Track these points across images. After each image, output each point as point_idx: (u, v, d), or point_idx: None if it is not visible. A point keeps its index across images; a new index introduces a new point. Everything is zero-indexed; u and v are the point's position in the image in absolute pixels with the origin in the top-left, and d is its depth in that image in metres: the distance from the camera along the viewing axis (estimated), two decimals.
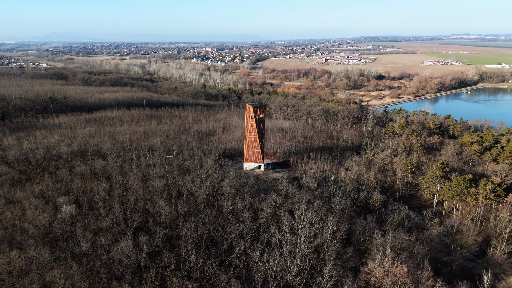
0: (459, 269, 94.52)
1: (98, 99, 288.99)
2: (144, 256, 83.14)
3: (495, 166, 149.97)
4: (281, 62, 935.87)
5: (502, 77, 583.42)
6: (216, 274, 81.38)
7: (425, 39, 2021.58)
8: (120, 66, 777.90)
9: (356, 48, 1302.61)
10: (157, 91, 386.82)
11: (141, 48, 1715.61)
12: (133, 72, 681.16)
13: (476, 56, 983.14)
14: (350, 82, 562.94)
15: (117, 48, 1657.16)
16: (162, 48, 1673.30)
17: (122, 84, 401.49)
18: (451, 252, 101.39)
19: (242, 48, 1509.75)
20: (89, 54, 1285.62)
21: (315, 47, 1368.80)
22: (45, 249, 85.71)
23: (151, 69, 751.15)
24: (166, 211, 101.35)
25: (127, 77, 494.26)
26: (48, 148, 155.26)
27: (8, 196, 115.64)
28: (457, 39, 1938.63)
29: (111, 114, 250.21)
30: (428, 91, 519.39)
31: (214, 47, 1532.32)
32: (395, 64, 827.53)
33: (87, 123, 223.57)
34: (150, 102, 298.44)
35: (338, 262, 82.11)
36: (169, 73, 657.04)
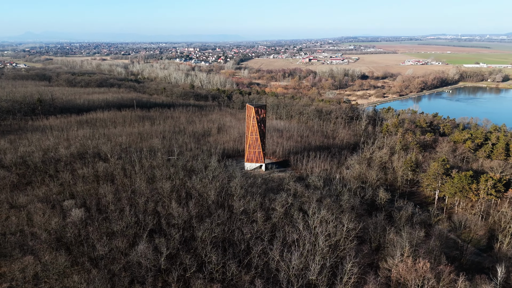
0: (469, 263, 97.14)
1: (87, 100, 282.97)
2: (164, 259, 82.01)
3: (491, 162, 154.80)
4: (265, 62, 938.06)
5: (482, 76, 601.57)
6: (239, 275, 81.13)
7: (404, 39, 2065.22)
8: (102, 66, 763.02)
9: (338, 48, 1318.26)
10: (145, 92, 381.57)
11: (122, 48, 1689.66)
12: (117, 73, 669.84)
13: (455, 56, 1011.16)
14: (336, 82, 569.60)
15: (97, 48, 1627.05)
16: (143, 48, 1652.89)
17: (109, 85, 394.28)
18: (458, 247, 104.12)
19: (224, 48, 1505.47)
20: (68, 55, 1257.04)
21: (297, 47, 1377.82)
22: (59, 254, 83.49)
23: (135, 70, 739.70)
24: (180, 213, 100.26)
25: (113, 77, 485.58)
26: (45, 151, 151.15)
27: (11, 201, 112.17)
28: (435, 39, 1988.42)
29: (102, 115, 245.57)
30: (411, 90, 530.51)
31: (196, 47, 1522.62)
32: (377, 64, 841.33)
33: (78, 125, 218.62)
34: (140, 103, 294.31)
35: (358, 260, 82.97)
36: (154, 74, 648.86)
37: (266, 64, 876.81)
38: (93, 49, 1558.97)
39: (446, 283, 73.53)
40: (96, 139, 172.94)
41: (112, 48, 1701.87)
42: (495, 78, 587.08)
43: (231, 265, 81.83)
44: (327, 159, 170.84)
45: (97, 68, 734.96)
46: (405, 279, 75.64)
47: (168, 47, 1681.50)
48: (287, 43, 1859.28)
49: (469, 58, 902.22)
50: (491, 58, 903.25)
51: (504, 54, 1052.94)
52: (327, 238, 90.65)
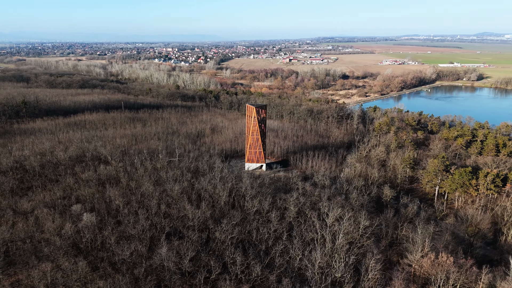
0: (478, 256, 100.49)
1: (72, 102, 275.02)
2: (188, 261, 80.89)
3: (485, 158, 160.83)
4: (246, 62, 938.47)
5: (457, 75, 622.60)
6: (265, 275, 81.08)
7: (379, 40, 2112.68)
8: (79, 67, 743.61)
9: (317, 49, 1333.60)
10: (129, 93, 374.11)
11: (97, 48, 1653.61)
12: (95, 74, 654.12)
13: (430, 55, 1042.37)
14: (318, 82, 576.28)
15: (71, 48, 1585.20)
16: (120, 48, 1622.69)
17: (91, 86, 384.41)
18: (465, 240, 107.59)
19: (203, 48, 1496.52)
20: (40, 55, 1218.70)
21: (277, 48, 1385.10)
22: (79, 260, 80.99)
23: (114, 70, 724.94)
24: (195, 215, 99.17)
25: (95, 78, 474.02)
26: (41, 154, 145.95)
27: (14, 207, 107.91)
28: (408, 40, 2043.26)
29: (91, 117, 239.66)
30: (392, 90, 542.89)
31: (174, 48, 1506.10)
32: (356, 64, 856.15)
33: (67, 127, 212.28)
34: (127, 104, 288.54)
35: (380, 256, 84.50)
36: (135, 74, 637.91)
37: (247, 64, 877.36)
38: (66, 49, 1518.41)
39: (469, 276, 75.87)
40: (94, 141, 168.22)
41: (86, 48, 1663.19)
42: (470, 77, 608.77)
43: (256, 266, 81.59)
44: (325, 158, 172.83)
45: (74, 69, 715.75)
46: (429, 274, 77.61)
47: (145, 47, 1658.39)
48: (265, 43, 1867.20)
49: (443, 58, 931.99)
50: (464, 58, 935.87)
51: (476, 54, 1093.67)
52: (345, 235, 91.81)
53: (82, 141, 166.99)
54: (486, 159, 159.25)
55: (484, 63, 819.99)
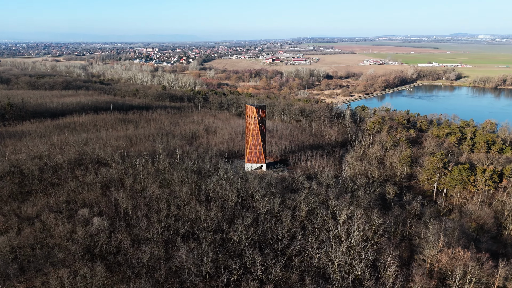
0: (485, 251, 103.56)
1: (60, 104, 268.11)
2: (209, 262, 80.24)
3: (478, 155, 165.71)
4: (229, 62, 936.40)
5: (437, 75, 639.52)
6: (287, 275, 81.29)
7: (359, 40, 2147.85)
8: (58, 68, 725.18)
9: (298, 49, 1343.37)
10: (115, 94, 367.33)
11: (74, 48, 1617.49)
12: (75, 75, 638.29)
13: (409, 56, 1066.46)
14: (303, 82, 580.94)
15: (47, 49, 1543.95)
16: (98, 48, 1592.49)
17: (75, 87, 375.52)
18: (470, 235, 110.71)
19: (184, 48, 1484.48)
20: (15, 56, 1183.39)
21: (259, 48, 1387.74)
22: (96, 264, 79.11)
23: (95, 71, 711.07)
24: (208, 216, 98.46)
25: (78, 79, 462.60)
26: (38, 158, 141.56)
27: (17, 212, 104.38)
28: (387, 40, 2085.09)
29: (80, 119, 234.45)
30: (375, 89, 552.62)
31: (155, 48, 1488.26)
32: (338, 64, 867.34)
33: (58, 130, 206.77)
34: (116, 106, 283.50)
35: (397, 253, 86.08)
36: (117, 75, 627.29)
37: (230, 65, 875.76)
38: (42, 50, 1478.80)
39: (487, 269, 78.25)
40: (91, 144, 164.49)
41: (63, 48, 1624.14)
42: (449, 76, 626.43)
43: (276, 266, 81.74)
44: (323, 157, 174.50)
45: (53, 70, 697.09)
46: (447, 268, 79.60)
47: (124, 48, 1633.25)
48: (246, 44, 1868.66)
49: (422, 58, 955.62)
50: (441, 58, 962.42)
51: (452, 54, 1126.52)
52: (360, 233, 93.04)
53: (79, 144, 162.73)
54: (478, 156, 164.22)
55: (461, 63, 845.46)
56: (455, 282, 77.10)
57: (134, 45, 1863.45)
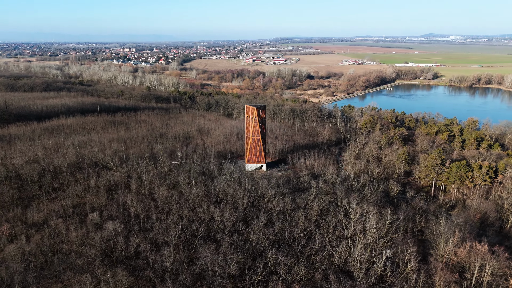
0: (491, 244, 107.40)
1: (44, 106, 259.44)
2: (234, 264, 79.74)
3: (469, 152, 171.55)
4: (209, 62, 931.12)
5: (415, 75, 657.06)
6: (310, 273, 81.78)
7: (336, 40, 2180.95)
8: (32, 69, 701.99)
9: (278, 49, 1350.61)
10: (99, 95, 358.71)
11: (46, 48, 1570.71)
12: (52, 76, 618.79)
13: (386, 56, 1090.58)
14: (286, 82, 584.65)
15: (17, 49, 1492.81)
16: (72, 48, 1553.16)
17: (56, 88, 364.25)
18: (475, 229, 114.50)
19: (162, 48, 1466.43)
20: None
21: (238, 48, 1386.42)
22: (118, 269, 77.11)
23: (72, 72, 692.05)
24: (224, 217, 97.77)
25: (59, 81, 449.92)
26: (35, 162, 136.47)
27: (23, 218, 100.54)
28: (363, 41, 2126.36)
29: (68, 121, 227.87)
30: (357, 89, 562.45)
31: (132, 48, 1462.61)
32: (318, 64, 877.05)
33: (47, 133, 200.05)
34: (102, 107, 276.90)
35: (415, 248, 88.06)
36: (96, 76, 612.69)
37: (210, 65, 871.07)
38: (13, 50, 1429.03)
39: (503, 261, 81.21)
40: (89, 147, 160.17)
41: (35, 48, 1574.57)
42: (426, 76, 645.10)
43: (300, 264, 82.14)
44: (321, 156, 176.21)
45: (27, 71, 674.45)
46: (465, 262, 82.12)
47: (99, 48, 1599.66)
48: (225, 44, 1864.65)
49: (399, 58, 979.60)
50: (417, 58, 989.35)
51: (426, 54, 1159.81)
52: (377, 230, 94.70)
53: (75, 147, 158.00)
54: (470, 153, 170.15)
55: (436, 62, 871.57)
56: (474, 275, 79.71)
57: (110, 45, 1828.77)
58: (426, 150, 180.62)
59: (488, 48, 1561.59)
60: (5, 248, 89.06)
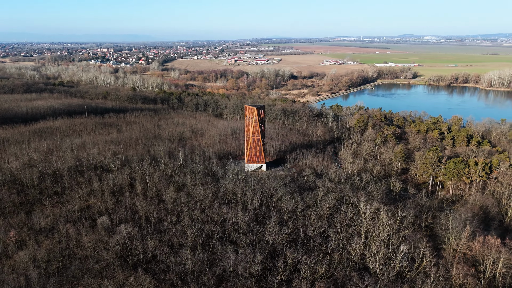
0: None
1: (30, 108, 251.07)
2: (257, 264, 79.63)
3: (461, 148, 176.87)
4: (191, 63, 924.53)
5: (395, 74, 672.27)
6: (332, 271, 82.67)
7: (315, 41, 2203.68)
8: (7, 70, 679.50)
9: (259, 50, 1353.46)
10: (83, 97, 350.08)
11: (19, 49, 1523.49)
12: (29, 77, 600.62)
13: (366, 56, 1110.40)
14: (271, 82, 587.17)
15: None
16: (46, 49, 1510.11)
17: (38, 90, 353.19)
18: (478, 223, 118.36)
19: (141, 48, 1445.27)
20: None
21: (219, 48, 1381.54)
22: (139, 274, 75.69)
23: (49, 73, 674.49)
24: (239, 218, 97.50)
25: (40, 82, 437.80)
26: (29, 166, 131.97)
27: (28, 223, 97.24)
28: (341, 41, 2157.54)
29: (57, 124, 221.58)
30: (340, 88, 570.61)
31: (110, 48, 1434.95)
32: (300, 64, 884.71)
33: (36, 136, 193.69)
34: (89, 109, 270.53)
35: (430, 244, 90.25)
36: (76, 77, 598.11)
37: (192, 65, 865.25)
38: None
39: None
40: (87, 149, 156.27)
41: (7, 49, 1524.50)
42: (406, 75, 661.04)
43: (323, 262, 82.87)
44: (319, 155, 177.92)
45: (2, 72, 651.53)
46: (480, 256, 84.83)
47: (75, 48, 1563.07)
48: (205, 44, 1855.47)
49: (378, 58, 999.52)
50: (395, 58, 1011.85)
51: (404, 54, 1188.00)
52: (390, 226, 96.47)
53: (72, 150, 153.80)
54: (462, 150, 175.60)
55: (413, 62, 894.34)
56: (488, 268, 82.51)
57: (86, 46, 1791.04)
58: (419, 148, 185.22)
59: (461, 48, 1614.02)
60: (14, 255, 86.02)
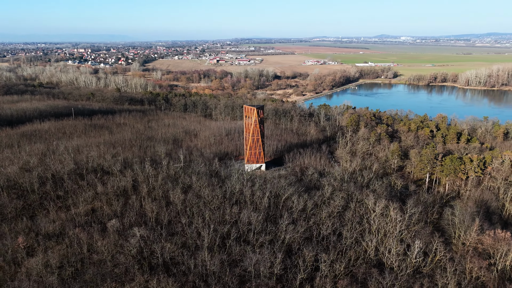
0: None
1: (14, 110, 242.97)
2: (278, 263, 79.76)
3: (452, 146, 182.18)
4: (172, 63, 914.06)
5: (376, 74, 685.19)
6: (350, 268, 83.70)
7: (295, 41, 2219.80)
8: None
9: (240, 50, 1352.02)
10: (66, 98, 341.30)
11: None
12: (5, 78, 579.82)
13: (347, 56, 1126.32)
14: (255, 82, 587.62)
15: None
16: (20, 49, 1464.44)
17: (18, 92, 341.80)
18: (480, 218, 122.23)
19: (119, 49, 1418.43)
20: None
21: (200, 48, 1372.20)
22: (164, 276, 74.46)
23: (26, 74, 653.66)
24: (253, 218, 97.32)
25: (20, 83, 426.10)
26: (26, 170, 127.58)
27: (35, 229, 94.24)
28: (320, 41, 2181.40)
29: (45, 126, 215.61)
30: (324, 88, 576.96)
31: (87, 49, 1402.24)
32: (282, 64, 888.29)
33: (25, 139, 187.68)
34: (76, 111, 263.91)
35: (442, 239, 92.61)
36: (55, 78, 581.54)
37: (173, 65, 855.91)
38: None
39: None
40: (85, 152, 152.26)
41: None
42: (387, 75, 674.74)
43: (342, 260, 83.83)
44: (316, 154, 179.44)
45: None
46: (491, 249, 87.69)
47: (50, 48, 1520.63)
48: (184, 44, 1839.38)
49: (358, 58, 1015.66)
50: (375, 58, 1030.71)
51: (383, 54, 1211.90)
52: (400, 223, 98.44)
53: (69, 153, 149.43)
54: (453, 147, 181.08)
55: (393, 62, 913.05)
56: (500, 260, 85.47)
57: (61, 46, 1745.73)
58: (412, 146, 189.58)
59: (437, 48, 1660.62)
60: (25, 262, 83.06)
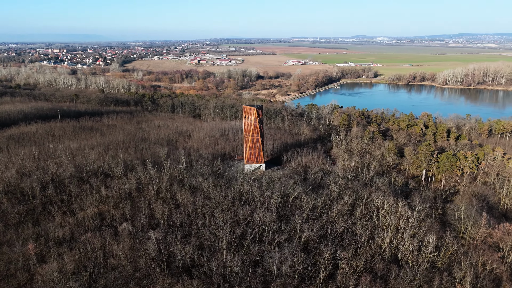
0: None
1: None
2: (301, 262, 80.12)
3: (443, 143, 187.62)
4: (152, 63, 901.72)
5: (357, 74, 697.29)
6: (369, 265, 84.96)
7: (274, 41, 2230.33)
8: None
9: (220, 50, 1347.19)
10: (49, 100, 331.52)
11: None
12: None
13: (327, 56, 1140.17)
14: (239, 82, 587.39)
15: None
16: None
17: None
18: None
19: (96, 49, 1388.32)
20: None
21: (179, 48, 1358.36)
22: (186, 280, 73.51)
23: (0, 75, 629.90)
24: (267, 218, 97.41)
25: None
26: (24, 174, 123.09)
27: (45, 236, 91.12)
28: (299, 41, 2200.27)
29: (32, 129, 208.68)
30: (308, 88, 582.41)
31: (62, 48, 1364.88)
32: (264, 64, 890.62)
33: (13, 142, 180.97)
34: (62, 113, 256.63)
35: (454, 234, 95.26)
36: (32, 79, 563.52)
37: (154, 66, 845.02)
38: None
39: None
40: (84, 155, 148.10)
41: None
42: (368, 74, 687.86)
43: (361, 257, 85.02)
44: (312, 154, 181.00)
45: None
46: (501, 242, 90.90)
47: (22, 48, 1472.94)
48: (162, 44, 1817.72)
49: (338, 58, 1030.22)
50: (354, 58, 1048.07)
51: (361, 54, 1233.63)
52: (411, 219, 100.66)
53: (67, 156, 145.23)
54: (444, 144, 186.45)
55: (372, 62, 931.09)
56: (509, 252, 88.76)
57: (34, 46, 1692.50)
58: (404, 143, 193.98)
59: (412, 48, 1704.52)
60: (37, 269, 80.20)
